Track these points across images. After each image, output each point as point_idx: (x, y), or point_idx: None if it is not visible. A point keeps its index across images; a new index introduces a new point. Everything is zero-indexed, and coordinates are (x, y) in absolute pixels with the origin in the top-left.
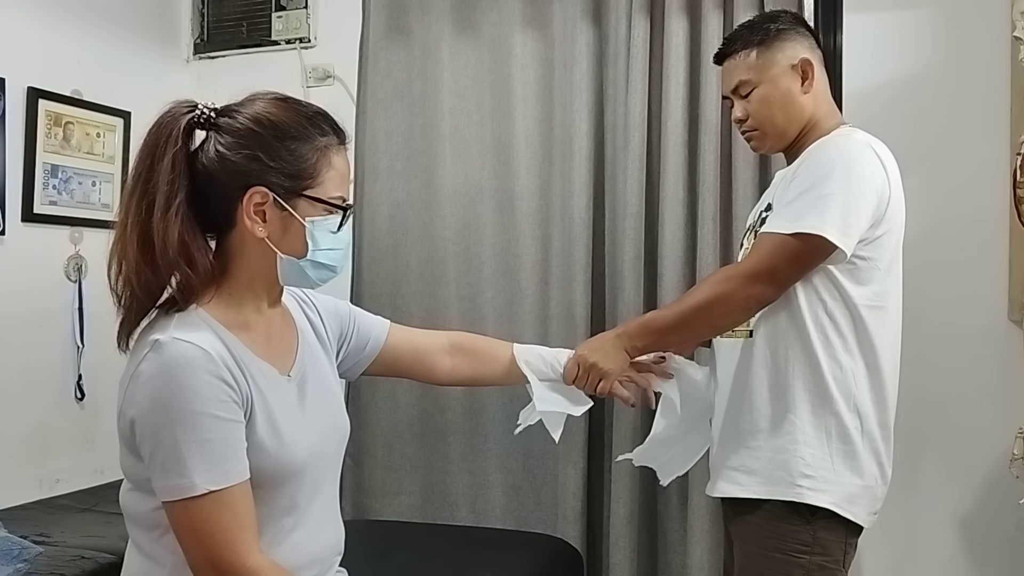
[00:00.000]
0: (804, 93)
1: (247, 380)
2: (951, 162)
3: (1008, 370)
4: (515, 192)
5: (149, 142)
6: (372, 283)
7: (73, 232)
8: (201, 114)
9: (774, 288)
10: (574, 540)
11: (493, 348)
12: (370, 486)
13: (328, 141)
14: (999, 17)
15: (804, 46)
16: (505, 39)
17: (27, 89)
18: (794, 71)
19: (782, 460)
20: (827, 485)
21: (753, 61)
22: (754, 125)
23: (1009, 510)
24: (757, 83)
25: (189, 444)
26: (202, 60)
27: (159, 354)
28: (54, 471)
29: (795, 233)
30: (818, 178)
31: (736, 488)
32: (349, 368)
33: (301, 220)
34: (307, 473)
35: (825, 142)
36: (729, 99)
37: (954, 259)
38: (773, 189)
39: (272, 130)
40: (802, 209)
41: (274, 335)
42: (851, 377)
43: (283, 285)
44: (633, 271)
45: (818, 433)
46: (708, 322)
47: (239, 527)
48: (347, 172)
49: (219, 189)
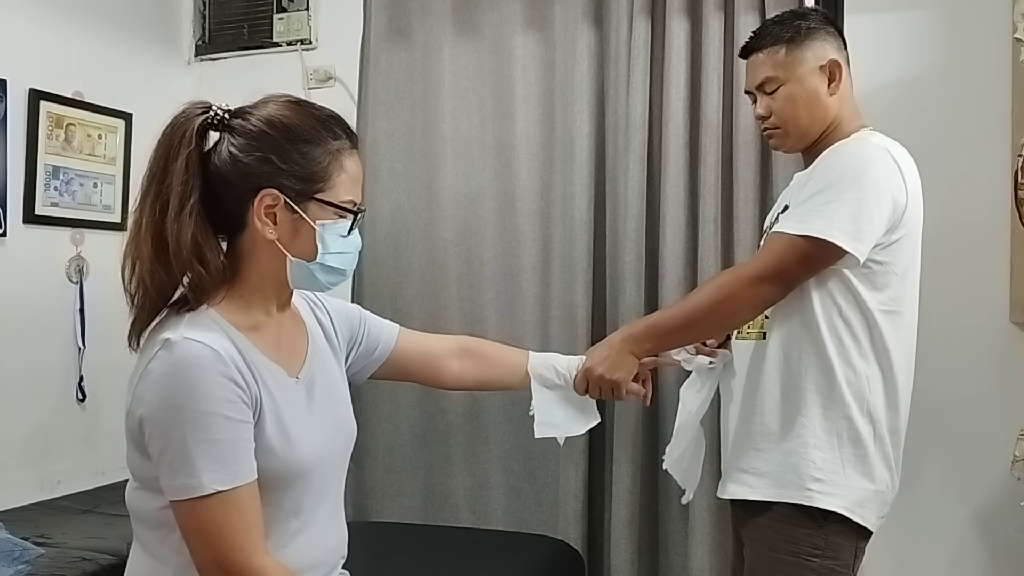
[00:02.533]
0: (830, 95)
1: (257, 381)
2: (952, 163)
3: (1009, 371)
4: (516, 194)
5: (163, 143)
6: (373, 285)
7: (74, 233)
8: (215, 115)
9: (781, 288)
10: (575, 542)
11: (502, 353)
12: (371, 487)
13: (340, 145)
14: (1000, 19)
15: (832, 47)
16: (506, 41)
17: (29, 91)
18: (822, 72)
19: (792, 463)
20: (838, 489)
21: (782, 58)
22: (777, 123)
23: (1011, 512)
24: (784, 81)
25: (198, 444)
26: (203, 62)
27: (170, 353)
28: (55, 472)
29: (803, 235)
30: (831, 181)
31: (746, 490)
32: (358, 371)
33: (312, 223)
34: (314, 475)
35: (842, 145)
36: (752, 94)
37: (955, 260)
38: (790, 191)
39: (284, 133)
40: (812, 212)
41: (284, 337)
42: (864, 381)
43: (293, 288)
44: (634, 273)
45: (829, 436)
46: (716, 321)
47: (246, 527)
48: (359, 176)
49: (231, 191)
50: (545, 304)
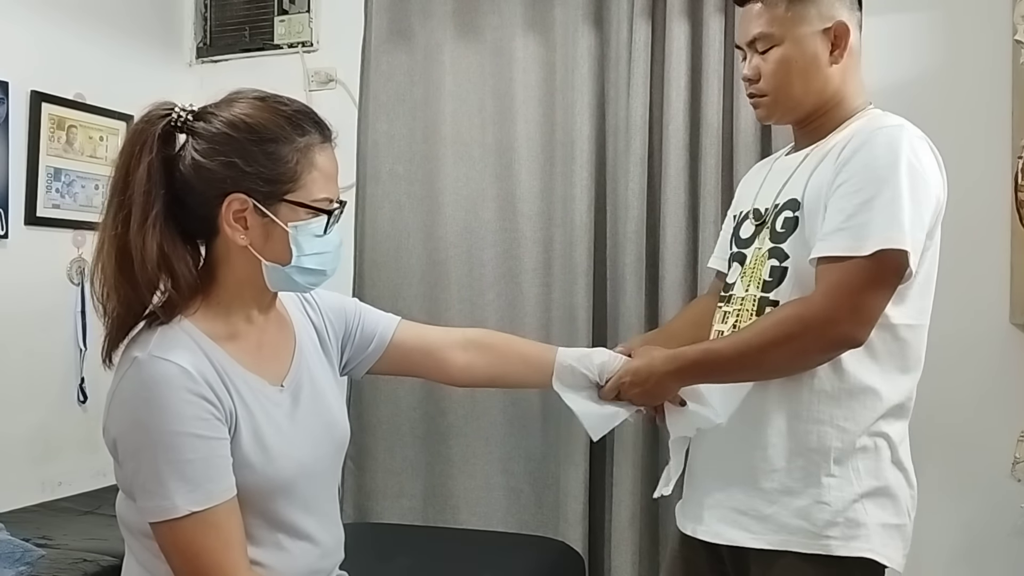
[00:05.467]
0: (832, 63)
1: (231, 395)
2: (952, 165)
3: (1010, 373)
4: (516, 195)
5: (125, 150)
6: (373, 286)
7: (76, 235)
8: (178, 117)
9: (863, 328)
10: (576, 543)
11: (518, 346)
12: (371, 489)
13: (309, 140)
14: (1000, 21)
15: (844, 5)
16: (506, 43)
17: (30, 93)
18: (825, 35)
19: (802, 507)
20: (859, 531)
21: (781, 12)
22: (765, 89)
23: (1012, 514)
24: (779, 40)
25: (169, 465)
26: (204, 64)
27: (138, 372)
28: (56, 474)
29: (872, 253)
30: (880, 179)
31: (746, 536)
32: (355, 367)
33: (283, 226)
34: (298, 487)
35: (875, 134)
36: (742, 50)
37: (956, 262)
38: (789, 179)
39: (248, 133)
40: (869, 221)
41: (266, 344)
42: (887, 407)
43: (273, 291)
44: (634, 274)
45: (845, 471)
46: (775, 368)
47: (225, 546)
48: (333, 171)
49: (198, 197)
50: (546, 305)
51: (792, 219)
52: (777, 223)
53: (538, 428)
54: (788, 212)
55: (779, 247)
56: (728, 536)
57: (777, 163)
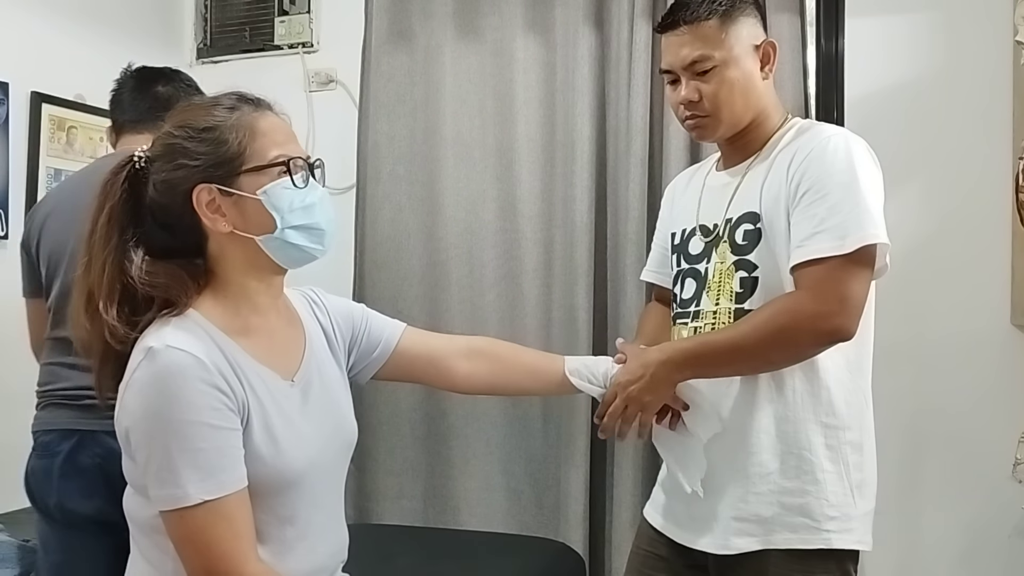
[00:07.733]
0: (764, 79)
1: (244, 387)
2: (953, 166)
3: (1011, 374)
4: (517, 196)
5: (95, 208)
6: (374, 287)
7: None
8: (138, 160)
9: (853, 319)
10: (576, 544)
11: (521, 356)
12: (372, 490)
13: (240, 114)
14: (1001, 21)
15: (759, 23)
16: (507, 43)
17: (30, 93)
18: (756, 52)
19: (800, 504)
20: (851, 523)
21: (716, 34)
22: (709, 110)
23: (1012, 515)
24: (721, 61)
25: (182, 454)
26: (205, 64)
27: (152, 362)
28: None
29: (854, 251)
30: (842, 184)
31: (749, 541)
32: (360, 372)
33: (252, 195)
34: (307, 481)
35: (826, 142)
36: (672, 74)
37: (956, 264)
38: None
39: (183, 132)
40: (844, 222)
41: (277, 339)
42: (862, 398)
43: (287, 268)
44: (635, 275)
45: (836, 467)
46: (768, 356)
47: (235, 536)
48: (279, 130)
49: (173, 211)
50: (546, 307)
51: (754, 231)
52: (737, 236)
53: (539, 429)
54: (748, 225)
55: (746, 259)
56: (736, 545)
57: (709, 179)
